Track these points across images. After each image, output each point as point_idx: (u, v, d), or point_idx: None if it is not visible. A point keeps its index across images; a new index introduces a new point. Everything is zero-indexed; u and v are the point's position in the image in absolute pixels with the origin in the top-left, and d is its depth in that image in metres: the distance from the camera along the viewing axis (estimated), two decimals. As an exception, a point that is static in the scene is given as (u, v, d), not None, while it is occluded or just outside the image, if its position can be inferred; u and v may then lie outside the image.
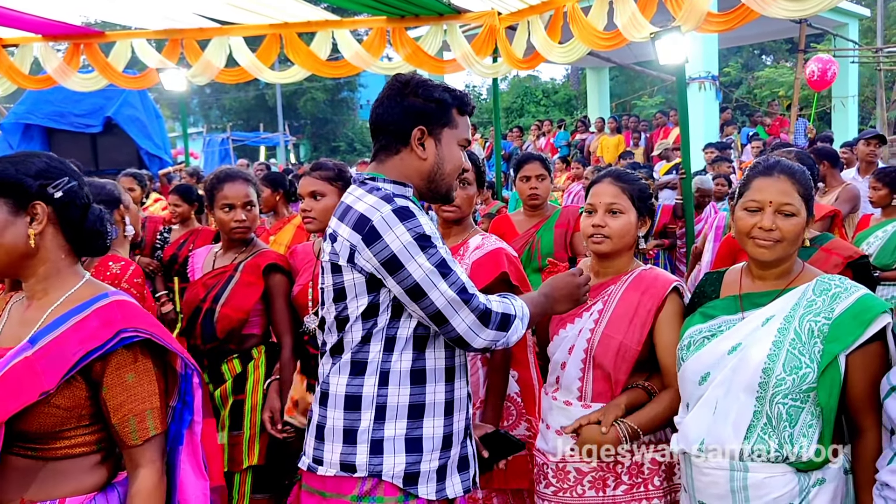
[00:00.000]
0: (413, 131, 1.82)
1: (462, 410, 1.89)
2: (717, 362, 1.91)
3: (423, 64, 9.04)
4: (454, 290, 1.70)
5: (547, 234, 3.76)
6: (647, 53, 9.60)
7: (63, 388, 1.53)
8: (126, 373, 1.58)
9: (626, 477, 2.15)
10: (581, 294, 1.98)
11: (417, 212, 1.75)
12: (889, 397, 1.71)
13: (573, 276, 1.98)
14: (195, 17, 9.15)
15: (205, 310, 2.92)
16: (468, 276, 2.42)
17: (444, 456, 1.81)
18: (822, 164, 5.33)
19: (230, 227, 2.96)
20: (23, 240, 1.56)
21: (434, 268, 1.70)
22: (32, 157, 1.61)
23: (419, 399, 1.79)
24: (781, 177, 1.91)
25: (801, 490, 1.82)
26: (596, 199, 2.23)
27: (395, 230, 1.69)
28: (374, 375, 1.77)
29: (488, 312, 1.73)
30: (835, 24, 14.86)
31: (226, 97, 32.10)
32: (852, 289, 1.84)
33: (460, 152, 1.91)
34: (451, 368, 1.85)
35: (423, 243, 1.70)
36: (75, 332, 1.56)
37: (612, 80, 20.61)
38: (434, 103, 1.83)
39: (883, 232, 4.34)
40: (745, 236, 1.94)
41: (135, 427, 1.58)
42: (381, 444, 1.76)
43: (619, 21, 6.91)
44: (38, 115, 11.61)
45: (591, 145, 13.43)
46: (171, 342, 1.63)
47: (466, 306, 1.71)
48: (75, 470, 1.59)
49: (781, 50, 26.36)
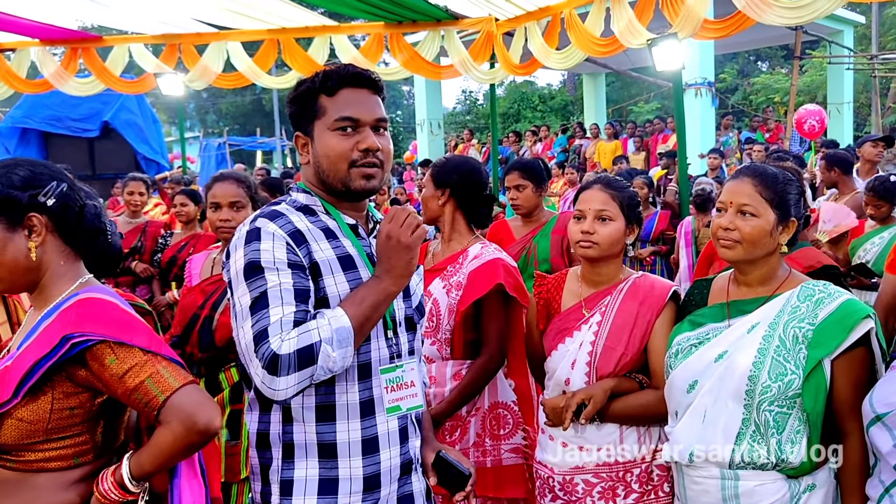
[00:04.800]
0: (295, 140, 1.73)
1: (395, 445, 1.69)
2: (704, 370, 1.91)
3: (420, 69, 9.07)
4: (253, 332, 1.50)
5: (543, 240, 3.74)
6: (643, 59, 9.64)
7: (29, 399, 1.48)
8: (106, 359, 1.48)
9: (637, 485, 2.13)
10: (408, 236, 1.61)
11: (268, 234, 1.57)
12: (874, 426, 1.70)
13: (386, 224, 1.64)
14: (193, 22, 9.17)
15: (203, 317, 2.87)
16: (466, 286, 2.45)
17: (369, 497, 1.65)
18: (834, 171, 5.31)
19: (216, 226, 2.97)
20: (23, 254, 1.54)
21: (250, 301, 1.52)
22: (13, 168, 1.55)
23: (329, 438, 1.62)
24: (745, 179, 1.94)
25: (793, 496, 1.82)
26: (585, 205, 2.23)
27: (237, 253, 1.58)
28: (277, 412, 1.64)
29: (276, 358, 1.46)
30: (830, 30, 14.93)
31: (223, 102, 32.08)
32: (836, 294, 1.85)
33: (338, 138, 1.65)
34: (367, 402, 1.65)
35: (250, 274, 1.54)
36: (39, 340, 1.51)
37: (608, 86, 20.66)
38: (296, 105, 1.71)
39: (880, 238, 4.33)
40: (714, 237, 1.98)
41: (155, 385, 1.48)
42: (291, 485, 1.63)
43: (615, 27, 6.95)
44: (35, 120, 11.60)
45: (588, 151, 13.46)
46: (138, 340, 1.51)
47: (256, 355, 1.48)
48: (51, 486, 1.52)
49: (777, 56, 26.44)
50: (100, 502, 1.53)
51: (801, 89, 12.44)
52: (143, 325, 1.58)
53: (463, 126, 23.00)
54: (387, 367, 1.69)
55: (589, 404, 2.08)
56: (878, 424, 1.69)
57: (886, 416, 1.66)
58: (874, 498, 1.72)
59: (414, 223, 1.63)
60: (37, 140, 11.74)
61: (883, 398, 1.69)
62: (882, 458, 1.69)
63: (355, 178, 1.65)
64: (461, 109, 30.40)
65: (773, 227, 1.91)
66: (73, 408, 1.52)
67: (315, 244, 1.62)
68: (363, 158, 1.65)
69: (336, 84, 1.66)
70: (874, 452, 1.74)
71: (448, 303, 2.50)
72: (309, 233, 1.63)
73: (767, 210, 1.91)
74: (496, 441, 2.55)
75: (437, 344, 2.51)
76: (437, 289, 2.52)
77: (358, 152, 1.65)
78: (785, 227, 1.93)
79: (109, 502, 1.53)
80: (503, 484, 2.51)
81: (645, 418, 2.13)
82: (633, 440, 2.15)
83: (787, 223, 1.93)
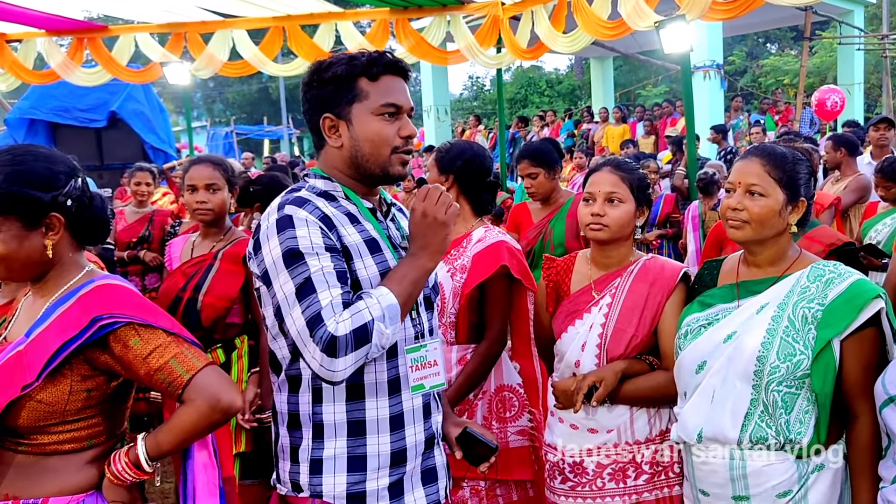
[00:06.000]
0: (320, 122, 1.70)
1: (419, 422, 1.75)
2: (713, 351, 1.91)
3: (426, 55, 9.04)
4: (305, 318, 1.52)
5: (559, 223, 3.75)
6: (651, 42, 9.56)
7: (48, 382, 1.51)
8: (130, 340, 1.53)
9: (647, 466, 2.14)
10: (443, 213, 1.66)
11: (301, 220, 1.58)
12: (887, 407, 1.69)
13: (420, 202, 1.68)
14: (198, 11, 9.16)
15: (186, 299, 2.95)
16: (470, 269, 2.46)
17: (396, 472, 1.70)
18: (840, 151, 5.30)
19: (192, 208, 3.01)
20: (39, 251, 1.56)
21: (294, 288, 1.54)
22: (33, 164, 1.55)
23: (358, 416, 1.66)
24: (754, 159, 1.93)
25: (801, 477, 1.82)
26: (595, 187, 2.22)
27: (271, 242, 1.58)
28: (307, 392, 1.67)
29: (334, 340, 1.50)
30: (840, 11, 14.75)
31: (229, 91, 32.11)
32: (846, 274, 1.84)
33: (382, 123, 1.67)
34: (394, 380, 1.70)
35: (290, 261, 1.55)
36: (58, 323, 1.53)
37: (615, 70, 20.51)
38: (332, 84, 1.67)
39: (891, 220, 4.29)
40: (723, 218, 1.97)
41: (179, 365, 1.53)
42: (321, 464, 1.66)
43: (623, 10, 6.89)
44: (43, 111, 11.62)
45: (596, 135, 13.40)
46: (162, 323, 1.58)
47: (312, 339, 1.51)
48: (64, 467, 1.56)
49: (786, 38, 26.18)
50: (112, 483, 1.56)
51: (811, 71, 12.34)
52: (162, 310, 1.64)
53: (470, 112, 22.93)
54: (412, 347, 1.73)
55: (600, 387, 2.08)
56: (891, 406, 1.68)
57: None
58: (888, 479, 1.71)
59: (447, 201, 1.68)
60: (45, 131, 11.75)
61: None
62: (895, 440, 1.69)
63: (395, 163, 1.70)
64: (468, 95, 30.32)
65: (781, 207, 1.89)
66: (90, 390, 1.57)
67: (343, 229, 1.65)
68: (404, 145, 1.70)
69: (381, 70, 1.68)
70: (887, 434, 1.73)
71: (453, 286, 2.51)
72: (335, 218, 1.65)
73: (776, 190, 1.89)
74: (502, 423, 2.57)
75: (442, 328, 2.52)
76: (441, 273, 2.52)
77: (400, 139, 1.69)
78: (794, 206, 1.92)
79: (122, 482, 1.56)
80: (510, 466, 2.52)
81: (656, 400, 2.14)
82: (643, 422, 2.15)
83: (797, 203, 1.92)
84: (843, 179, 5.25)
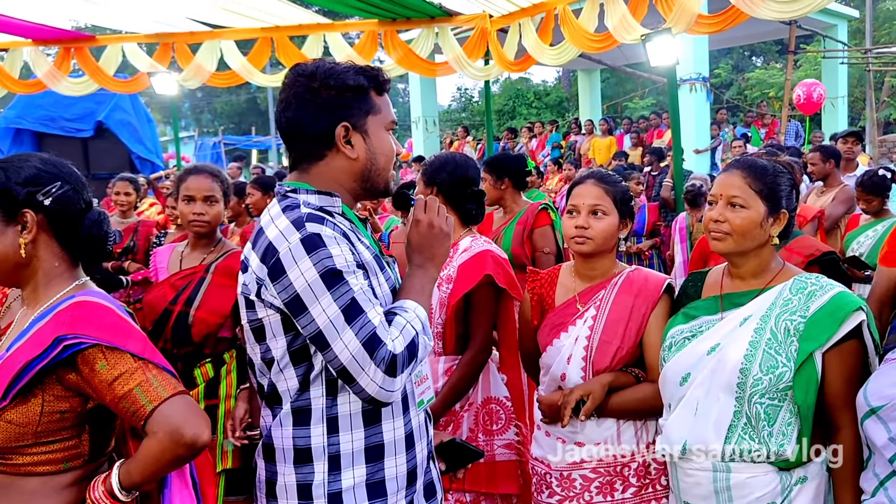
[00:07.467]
0: (336, 130, 1.59)
1: (423, 437, 1.73)
2: (696, 363, 1.92)
3: (415, 67, 9.05)
4: (360, 340, 1.46)
5: (509, 230, 3.85)
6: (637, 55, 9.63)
7: (18, 401, 1.45)
8: (97, 364, 1.46)
9: (635, 479, 2.13)
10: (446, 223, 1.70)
11: (331, 238, 1.50)
12: (868, 419, 1.70)
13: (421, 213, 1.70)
14: (186, 21, 9.14)
15: (176, 312, 2.84)
16: (456, 279, 2.46)
17: (410, 492, 1.66)
18: (829, 163, 5.37)
19: (188, 219, 2.90)
20: (13, 249, 1.53)
21: (340, 312, 1.46)
22: (25, 162, 1.55)
23: (376, 440, 1.61)
24: (735, 171, 1.96)
25: (784, 489, 1.83)
26: (579, 200, 2.22)
27: (301, 265, 1.47)
28: (320, 424, 1.58)
29: (394, 359, 1.47)
30: (824, 25, 14.94)
31: (217, 101, 32.04)
32: (828, 287, 1.85)
33: (390, 138, 1.67)
34: (404, 398, 1.66)
35: (331, 282, 1.46)
36: (31, 340, 1.48)
37: (603, 82, 20.65)
38: (350, 91, 1.59)
39: (874, 231, 4.36)
40: (706, 230, 1.99)
41: (143, 394, 1.44)
42: (340, 496, 1.57)
43: (609, 23, 6.94)
44: (29, 120, 11.55)
45: (583, 147, 13.47)
46: (132, 347, 1.48)
47: (373, 361, 1.45)
48: (42, 490, 1.50)
49: (771, 51, 26.45)
50: None
51: (795, 84, 12.47)
52: (137, 331, 1.55)
53: (458, 123, 22.98)
54: None
55: (588, 400, 2.07)
56: (872, 417, 1.68)
57: (881, 409, 1.66)
58: (868, 491, 1.72)
59: (445, 213, 1.72)
60: (31, 140, 11.69)
61: (877, 391, 1.69)
62: (877, 451, 1.69)
63: (391, 178, 1.72)
64: (456, 107, 30.38)
65: (763, 219, 1.91)
66: (63, 411, 1.50)
67: (358, 246, 1.60)
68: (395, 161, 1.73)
69: (385, 88, 1.68)
70: (868, 445, 1.73)
71: (439, 297, 2.51)
72: (351, 235, 1.60)
73: (757, 202, 1.91)
74: (489, 436, 2.56)
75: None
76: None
77: (395, 155, 1.71)
78: (776, 218, 1.93)
79: None
80: (496, 479, 2.51)
81: (642, 412, 2.14)
82: (630, 435, 2.15)
83: (778, 215, 1.93)
84: (828, 191, 5.30)
